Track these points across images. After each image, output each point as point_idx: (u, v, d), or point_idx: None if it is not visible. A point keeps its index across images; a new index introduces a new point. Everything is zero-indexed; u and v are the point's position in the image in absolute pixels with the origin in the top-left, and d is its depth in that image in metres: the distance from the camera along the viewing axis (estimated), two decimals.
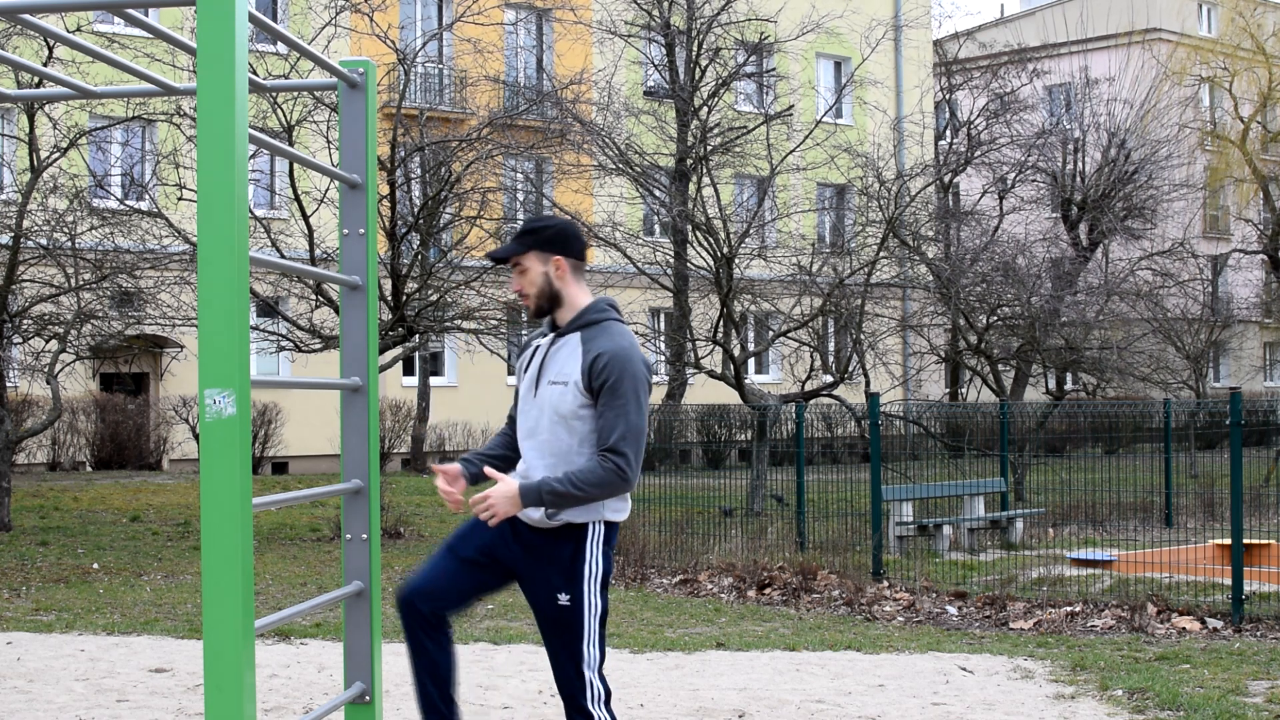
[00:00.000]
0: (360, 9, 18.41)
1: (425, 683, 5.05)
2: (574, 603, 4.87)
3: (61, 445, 26.58)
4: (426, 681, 5.05)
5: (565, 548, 4.87)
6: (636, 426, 4.79)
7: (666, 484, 16.12)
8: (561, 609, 4.88)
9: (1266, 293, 40.22)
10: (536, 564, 4.92)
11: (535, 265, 4.97)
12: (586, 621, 4.89)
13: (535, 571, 4.93)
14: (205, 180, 4.40)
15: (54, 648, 9.22)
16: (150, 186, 19.23)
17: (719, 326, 20.16)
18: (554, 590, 4.88)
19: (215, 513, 4.37)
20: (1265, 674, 8.29)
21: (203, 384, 4.37)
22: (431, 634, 5.05)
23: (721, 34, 22.74)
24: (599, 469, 4.76)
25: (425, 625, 5.04)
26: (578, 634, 4.89)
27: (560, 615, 4.88)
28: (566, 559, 4.87)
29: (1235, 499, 10.75)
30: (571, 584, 4.87)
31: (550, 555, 4.89)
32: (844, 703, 7.57)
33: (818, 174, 26.96)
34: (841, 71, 36.53)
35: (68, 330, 17.28)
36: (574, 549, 4.87)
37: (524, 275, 4.98)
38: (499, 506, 4.77)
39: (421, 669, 5.06)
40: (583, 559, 4.88)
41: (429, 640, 5.04)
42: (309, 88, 6.08)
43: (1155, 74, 34.52)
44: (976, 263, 23.90)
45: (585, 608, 4.88)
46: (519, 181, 24.43)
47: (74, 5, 4.97)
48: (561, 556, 4.88)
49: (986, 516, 16.12)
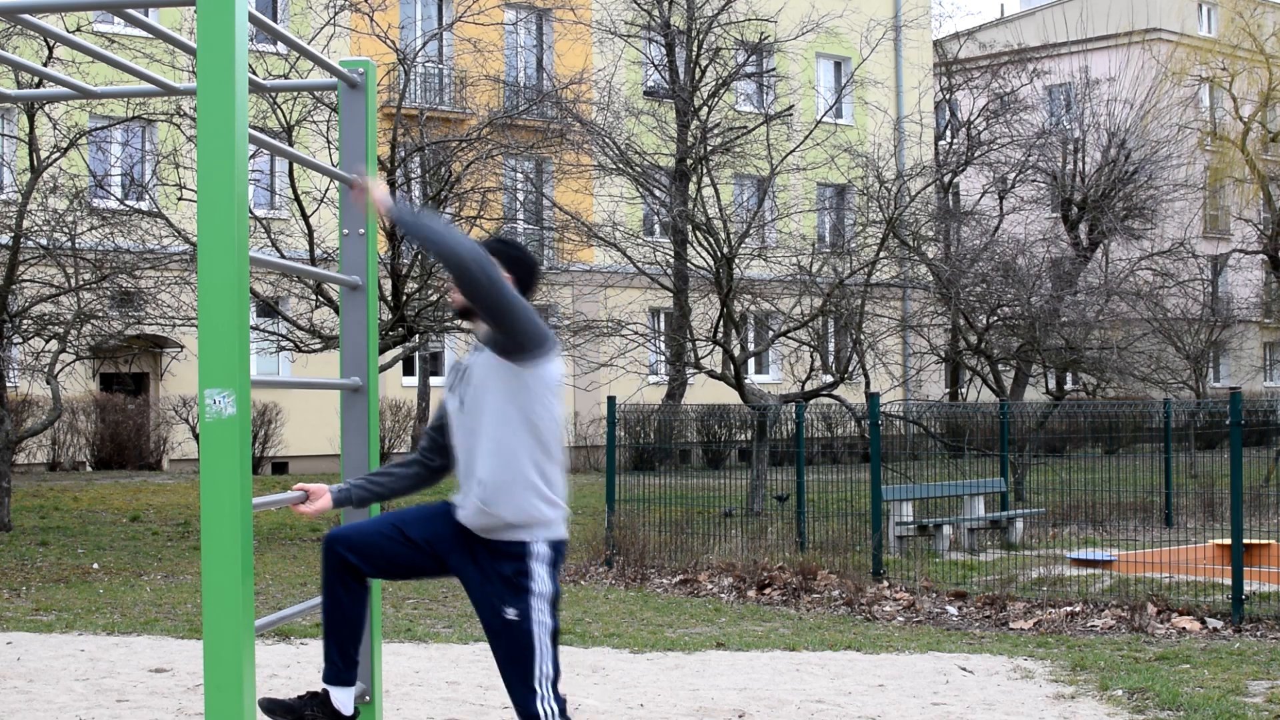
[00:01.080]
0: (360, 9, 18.41)
1: (331, 631, 4.99)
2: (521, 618, 4.84)
3: (61, 445, 26.57)
4: (333, 629, 4.99)
5: (509, 564, 4.85)
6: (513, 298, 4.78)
7: (666, 484, 16.12)
8: (508, 623, 4.85)
9: (1266, 293, 40.20)
10: (482, 576, 4.91)
11: None
12: (536, 636, 4.85)
13: (481, 584, 4.91)
14: (205, 180, 4.40)
15: (54, 648, 9.21)
16: (150, 186, 19.23)
17: (719, 326, 20.16)
18: (500, 603, 4.86)
19: (215, 513, 4.37)
20: (1265, 674, 8.29)
21: (203, 384, 4.37)
22: (349, 582, 4.98)
23: (721, 34, 22.74)
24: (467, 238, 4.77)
25: (344, 571, 4.97)
26: (527, 649, 4.86)
27: (506, 629, 4.86)
28: (510, 574, 4.85)
29: (1235, 499, 10.75)
30: (517, 599, 4.84)
31: (495, 570, 4.87)
32: (844, 703, 7.57)
33: (818, 174, 26.95)
34: (841, 71, 36.52)
35: (68, 330, 17.28)
36: (519, 566, 4.85)
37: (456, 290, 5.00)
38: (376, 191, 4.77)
39: (332, 615, 5.00)
40: (528, 576, 4.86)
41: (341, 587, 4.97)
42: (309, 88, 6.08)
43: (1155, 74, 34.49)
44: (976, 263, 23.89)
45: (533, 624, 4.85)
46: (519, 181, 24.42)
47: (74, 5, 4.98)
48: (505, 572, 4.86)
49: (986, 516, 16.11)
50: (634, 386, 26.02)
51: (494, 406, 4.89)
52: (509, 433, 4.89)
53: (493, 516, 4.87)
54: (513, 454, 4.88)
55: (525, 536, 4.88)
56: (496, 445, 4.88)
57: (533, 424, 4.90)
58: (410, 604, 11.28)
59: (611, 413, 14.48)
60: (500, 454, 4.87)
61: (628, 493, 15.15)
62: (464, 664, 8.62)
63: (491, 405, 4.89)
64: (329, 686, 5.01)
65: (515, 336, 4.84)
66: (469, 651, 9.09)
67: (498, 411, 4.89)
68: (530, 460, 4.89)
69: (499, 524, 4.87)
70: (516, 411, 4.89)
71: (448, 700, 7.52)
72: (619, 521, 14.05)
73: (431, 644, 9.42)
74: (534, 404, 4.89)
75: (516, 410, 4.89)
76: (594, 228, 21.85)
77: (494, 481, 4.86)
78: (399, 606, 11.11)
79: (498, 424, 4.88)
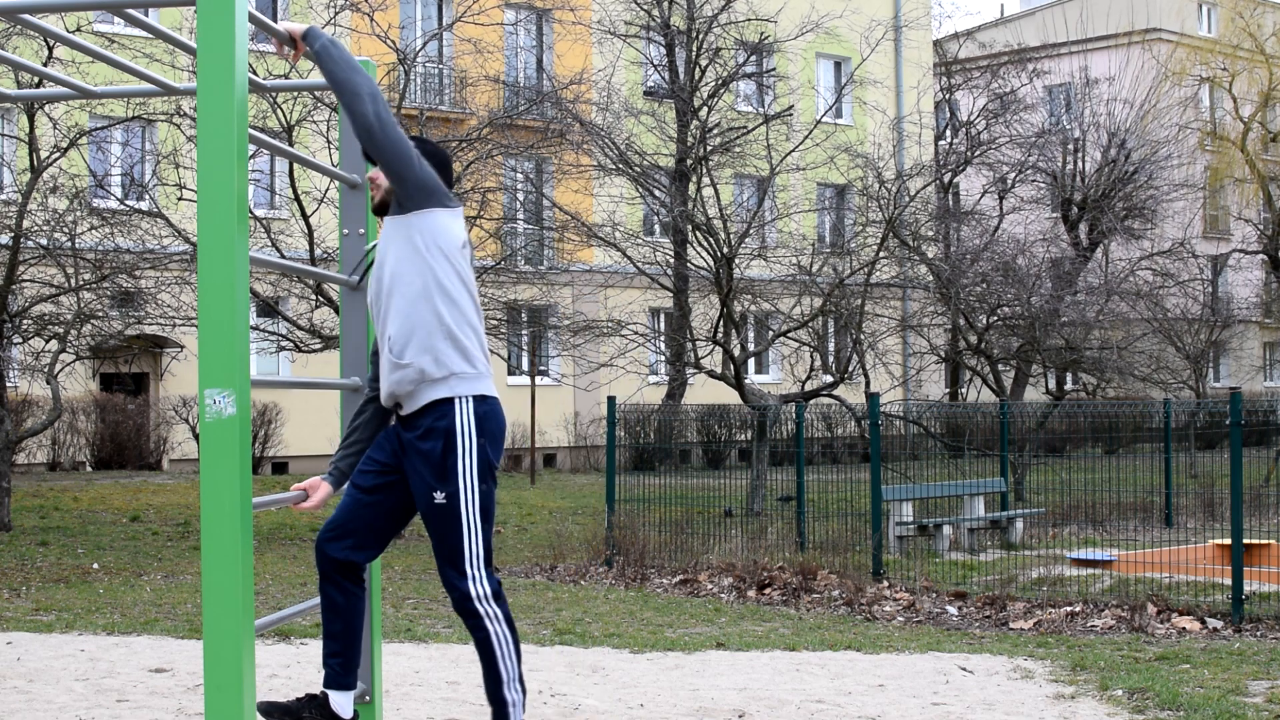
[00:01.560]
0: (360, 9, 18.41)
1: (329, 635, 5.00)
2: (449, 499, 4.85)
3: (61, 445, 26.56)
4: (331, 633, 5.00)
5: (436, 443, 4.86)
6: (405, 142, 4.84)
7: (666, 484, 16.12)
8: (438, 507, 4.86)
9: (1266, 293, 40.20)
10: (412, 462, 4.92)
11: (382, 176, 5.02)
12: (464, 516, 4.86)
13: (412, 469, 4.92)
14: (205, 180, 4.40)
15: (54, 648, 9.21)
16: (150, 186, 19.23)
17: (719, 326, 20.16)
18: (429, 488, 4.87)
19: (215, 513, 4.37)
20: (1265, 674, 8.28)
21: (203, 384, 4.37)
22: (343, 584, 4.99)
23: (721, 34, 22.74)
24: (371, 80, 4.84)
25: (336, 573, 4.98)
26: (455, 529, 4.86)
27: (437, 513, 4.87)
28: (439, 454, 4.86)
29: (1235, 499, 10.75)
30: (445, 480, 4.86)
31: (423, 452, 4.88)
32: (844, 703, 7.56)
33: (817, 174, 26.95)
34: (841, 71, 36.52)
35: (68, 330, 17.27)
36: (445, 444, 4.85)
37: (375, 183, 5.07)
38: (294, 27, 4.80)
39: (329, 619, 5.02)
40: (454, 453, 4.86)
41: (335, 589, 4.99)
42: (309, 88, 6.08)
43: (1155, 74, 34.50)
44: (976, 263, 23.90)
45: (461, 501, 4.86)
46: (519, 181, 24.43)
47: (74, 5, 4.98)
48: (433, 452, 4.86)
49: (986, 516, 16.12)
50: (634, 386, 26.02)
51: (395, 268, 4.89)
52: (413, 287, 4.86)
53: (405, 368, 4.83)
54: (417, 304, 4.86)
55: (445, 392, 4.85)
56: (402, 300, 4.87)
57: (435, 276, 4.88)
58: (410, 604, 11.29)
59: (611, 413, 14.49)
60: (407, 308, 4.86)
61: (628, 493, 15.15)
62: (464, 664, 8.62)
63: (393, 267, 4.89)
64: (329, 690, 5.01)
65: (405, 184, 4.86)
66: (469, 651, 9.08)
67: (399, 268, 4.88)
68: (436, 311, 4.86)
69: (414, 377, 4.84)
70: (419, 264, 4.87)
71: (448, 700, 7.52)
72: (619, 521, 14.05)
73: (431, 644, 9.42)
74: (433, 258, 4.88)
75: (419, 263, 4.87)
76: (594, 228, 21.85)
77: (401, 332, 4.84)
78: (399, 606, 11.11)
79: (401, 281, 4.87)
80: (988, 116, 32.13)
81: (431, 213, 4.91)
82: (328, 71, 4.81)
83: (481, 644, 4.95)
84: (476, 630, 4.94)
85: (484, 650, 4.96)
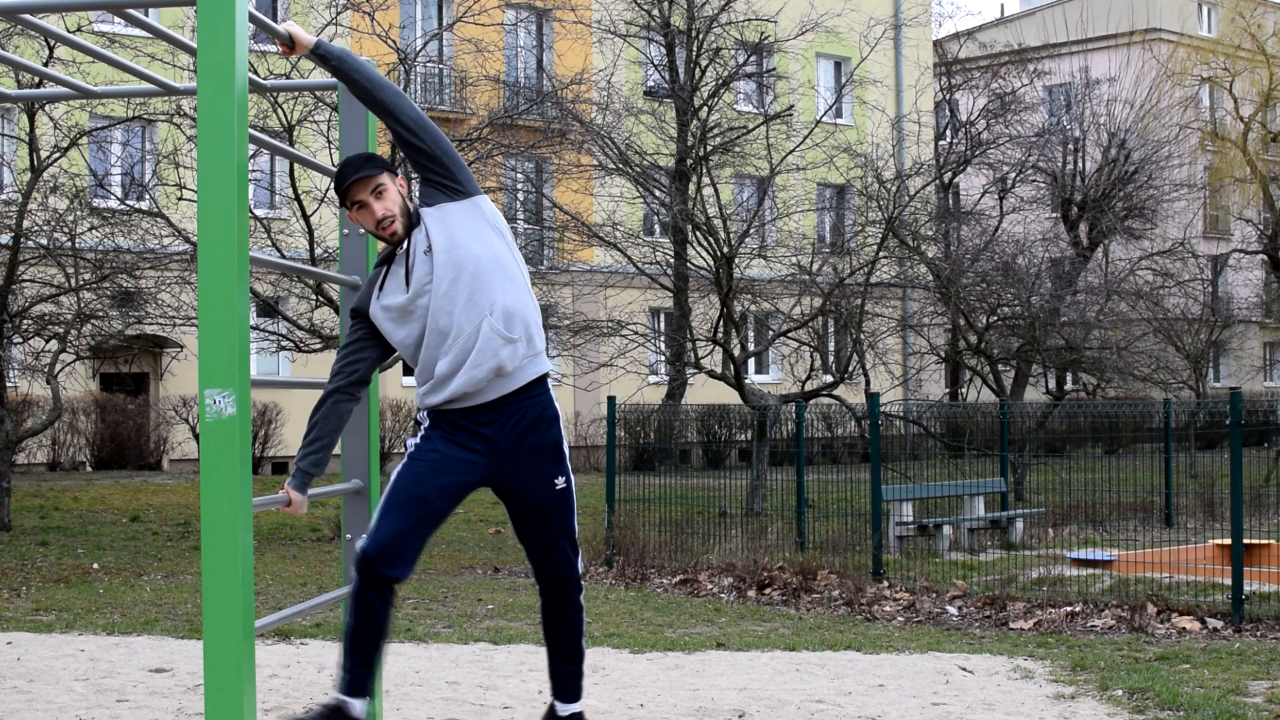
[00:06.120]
0: (361, 8, 18.41)
1: (359, 643, 4.91)
2: (568, 481, 5.09)
3: (61, 445, 26.56)
4: (361, 642, 4.92)
5: (551, 431, 5.00)
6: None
7: (666, 484, 16.12)
8: (560, 492, 5.05)
9: (1266, 293, 40.19)
10: (521, 465, 4.97)
11: (392, 185, 4.92)
12: (575, 495, 5.09)
13: (524, 472, 4.98)
14: (205, 180, 4.40)
15: (54, 648, 9.21)
16: (150, 186, 19.23)
17: (719, 326, 20.16)
18: (549, 477, 5.01)
19: (215, 513, 4.37)
20: (1265, 674, 8.28)
21: (203, 384, 4.38)
22: (385, 595, 4.91)
23: (721, 34, 22.72)
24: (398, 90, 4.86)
25: (382, 586, 4.88)
26: (571, 510, 5.06)
27: (559, 498, 5.06)
28: (555, 441, 5.02)
29: (1235, 499, 10.75)
30: (562, 464, 5.02)
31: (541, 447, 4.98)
32: (844, 703, 7.56)
33: (817, 174, 26.94)
34: (841, 71, 36.51)
35: (68, 330, 17.27)
36: (558, 430, 4.98)
37: (384, 196, 4.89)
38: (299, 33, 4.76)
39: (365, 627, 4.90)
40: (563, 436, 4.99)
41: (378, 599, 4.88)
42: (309, 88, 6.08)
43: (1155, 74, 34.48)
44: (976, 262, 23.89)
45: (573, 481, 5.08)
46: (519, 181, 24.42)
47: (74, 5, 4.98)
48: (552, 442, 5.01)
49: (986, 516, 16.12)
50: (634, 386, 26.02)
51: (478, 249, 4.80)
52: (510, 266, 4.83)
53: (514, 343, 4.79)
54: (517, 281, 4.83)
55: (546, 366, 4.89)
56: (504, 276, 4.80)
57: (515, 257, 4.90)
58: (410, 604, 11.29)
59: (611, 413, 14.49)
60: (509, 284, 4.80)
61: (628, 493, 15.15)
62: (464, 664, 8.62)
63: (473, 247, 4.80)
64: (348, 698, 4.91)
65: (461, 167, 4.88)
66: (469, 651, 9.09)
67: (487, 248, 4.80)
68: (529, 289, 4.89)
69: (525, 351, 4.82)
70: (501, 243, 4.85)
71: (448, 700, 7.52)
72: (619, 521, 14.05)
73: (431, 644, 9.42)
74: (510, 239, 4.90)
75: (501, 243, 4.85)
76: (594, 228, 21.85)
77: (510, 308, 4.79)
78: (399, 606, 11.10)
79: (495, 260, 4.80)
80: (988, 116, 32.12)
81: (486, 196, 4.94)
82: (359, 74, 4.78)
83: (575, 630, 5.12)
84: (576, 620, 5.10)
85: (576, 635, 5.13)
